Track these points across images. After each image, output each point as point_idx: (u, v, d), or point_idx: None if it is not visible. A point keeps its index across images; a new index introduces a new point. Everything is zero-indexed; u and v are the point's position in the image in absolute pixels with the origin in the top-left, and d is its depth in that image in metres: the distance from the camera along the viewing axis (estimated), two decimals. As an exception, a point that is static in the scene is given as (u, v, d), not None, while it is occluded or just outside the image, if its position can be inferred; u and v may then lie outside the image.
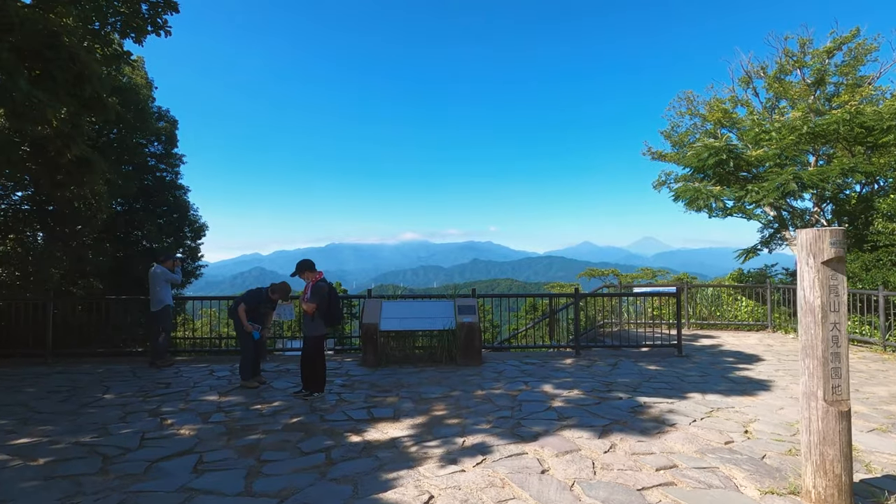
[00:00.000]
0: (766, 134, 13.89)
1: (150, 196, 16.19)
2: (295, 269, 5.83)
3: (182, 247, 16.93)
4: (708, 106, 20.82)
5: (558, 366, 7.89)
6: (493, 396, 5.87)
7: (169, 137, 16.29)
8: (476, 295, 8.76)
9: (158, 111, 16.45)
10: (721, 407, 5.53)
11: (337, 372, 7.35)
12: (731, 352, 9.27)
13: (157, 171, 16.65)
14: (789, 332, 11.35)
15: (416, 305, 8.49)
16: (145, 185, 16.28)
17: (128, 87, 13.30)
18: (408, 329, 8.06)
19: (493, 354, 9.03)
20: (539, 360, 8.36)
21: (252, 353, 6.34)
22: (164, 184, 16.41)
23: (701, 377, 7.10)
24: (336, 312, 5.83)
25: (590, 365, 7.97)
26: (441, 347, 7.97)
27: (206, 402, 5.60)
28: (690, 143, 21.67)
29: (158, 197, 16.27)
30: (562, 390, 6.14)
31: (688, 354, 8.93)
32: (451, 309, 8.28)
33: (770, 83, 18.97)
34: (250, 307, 6.36)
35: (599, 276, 32.28)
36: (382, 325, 8.03)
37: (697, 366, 7.98)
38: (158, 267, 8.05)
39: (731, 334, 11.64)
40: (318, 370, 5.83)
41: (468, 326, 7.95)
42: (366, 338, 7.90)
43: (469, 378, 6.90)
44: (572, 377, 6.97)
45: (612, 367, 7.77)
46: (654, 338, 9.93)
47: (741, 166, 13.91)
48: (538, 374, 7.20)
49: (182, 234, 16.93)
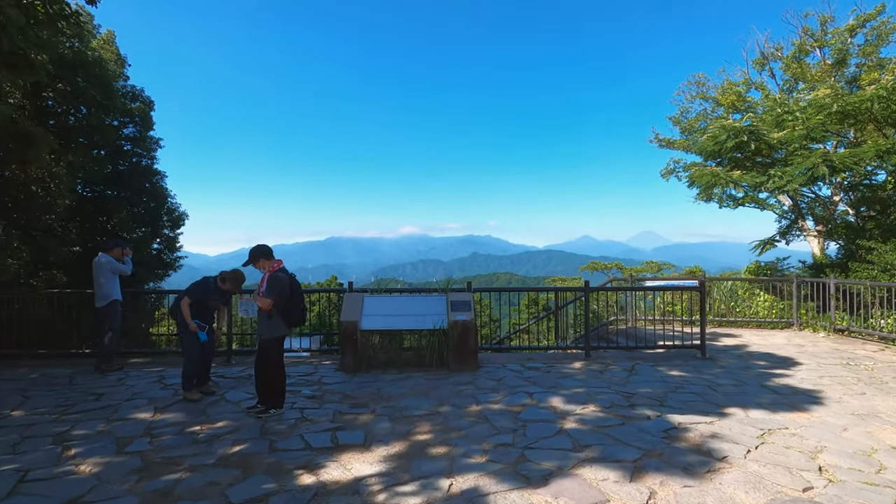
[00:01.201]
0: (789, 115, 12.74)
1: (124, 182, 15.05)
2: (248, 257, 4.73)
3: (159, 236, 15.80)
4: (720, 89, 19.64)
5: (566, 371, 6.81)
6: (491, 414, 4.79)
7: (144, 119, 15.10)
8: (472, 289, 7.66)
9: (132, 90, 15.27)
10: (773, 428, 4.46)
11: (308, 379, 6.26)
12: (760, 353, 8.20)
13: (134, 157, 15.49)
14: (818, 330, 10.28)
15: (402, 301, 7.40)
16: (120, 170, 15.14)
17: (91, 60, 12.11)
18: (393, 328, 6.98)
19: (491, 356, 7.95)
20: (544, 364, 7.29)
21: (195, 358, 5.25)
22: (139, 169, 15.25)
23: (735, 386, 6.03)
24: (297, 310, 4.72)
25: (603, 370, 6.89)
26: (431, 349, 6.89)
27: (134, 422, 4.51)
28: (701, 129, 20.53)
29: (134, 183, 15.12)
30: (574, 405, 5.06)
31: (712, 357, 7.86)
32: (444, 305, 7.20)
33: (788, 64, 17.81)
34: (196, 301, 5.26)
35: (602, 270, 31.22)
36: (363, 323, 6.94)
37: (727, 371, 6.90)
38: (103, 256, 6.94)
39: (754, 332, 10.57)
40: (275, 381, 4.74)
41: (462, 325, 6.87)
42: (344, 338, 6.82)
43: (462, 387, 5.82)
44: (584, 386, 5.89)
45: (629, 373, 6.70)
46: (669, 336, 8.86)
47: (761, 150, 12.78)
48: (544, 381, 6.12)
49: (160, 223, 15.79)
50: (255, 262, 4.71)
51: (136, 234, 14.96)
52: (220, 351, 7.65)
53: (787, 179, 11.51)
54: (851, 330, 9.62)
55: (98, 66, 12.39)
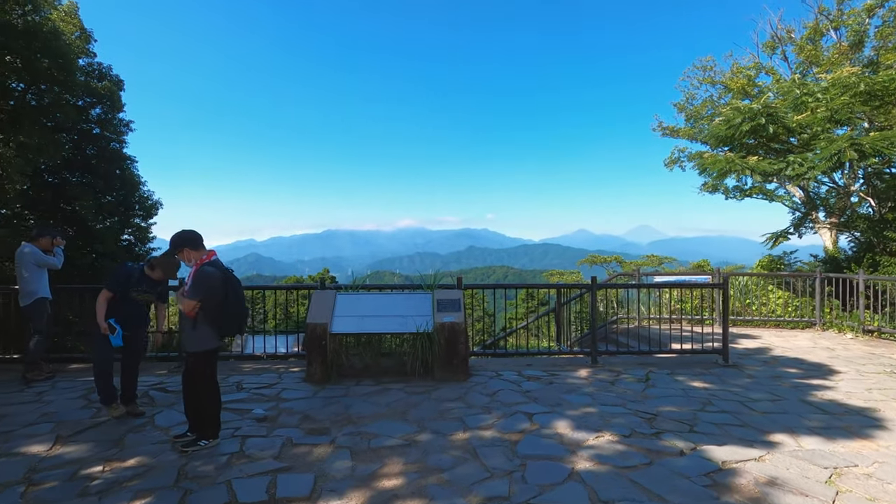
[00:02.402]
0: (808, 96, 11.73)
1: (91, 168, 13.92)
2: (170, 245, 3.69)
3: (129, 226, 14.71)
4: (729, 73, 18.59)
5: (571, 381, 5.84)
6: (482, 445, 3.79)
7: (111, 100, 13.95)
8: (464, 285, 6.65)
9: (99, 68, 14.10)
10: (838, 465, 3.49)
11: (265, 393, 5.26)
12: (787, 359, 7.25)
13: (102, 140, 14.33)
14: (845, 330, 9.34)
15: (382, 300, 6.37)
16: (87, 154, 14.01)
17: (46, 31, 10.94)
18: (369, 332, 5.96)
19: (484, 362, 6.96)
20: (544, 372, 6.31)
21: (109, 367, 4.23)
22: (107, 154, 14.10)
23: (773, 402, 5.06)
24: (233, 316, 3.68)
25: (613, 380, 5.92)
26: (413, 356, 5.88)
27: (19, 460, 3.49)
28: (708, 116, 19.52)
29: (102, 169, 13.99)
30: (585, 432, 4.07)
31: (736, 363, 6.90)
32: (429, 304, 6.19)
33: (802, 46, 16.78)
34: (116, 293, 4.22)
35: (602, 264, 30.28)
36: (334, 325, 5.93)
37: (757, 381, 5.94)
38: (27, 245, 5.90)
39: (773, 333, 9.63)
40: (206, 404, 3.73)
41: (450, 328, 5.87)
42: (311, 343, 5.80)
43: (448, 405, 4.83)
44: (595, 403, 4.91)
45: (644, 384, 5.72)
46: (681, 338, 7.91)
47: (779, 135, 11.79)
48: (546, 397, 5.13)
49: (131, 212, 14.68)
50: (179, 251, 3.67)
51: (103, 224, 13.88)
52: (160, 356, 6.64)
53: (809, 166, 10.52)
54: (883, 331, 8.69)
55: (54, 37, 11.20)
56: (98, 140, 14.16)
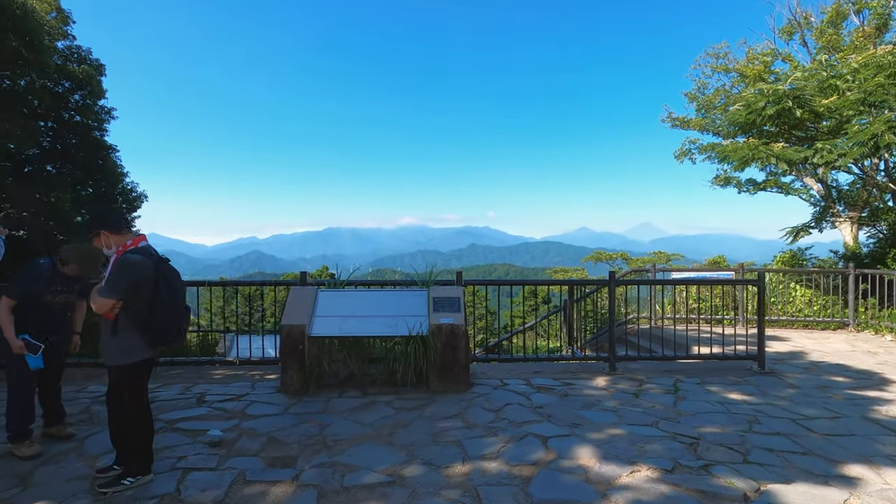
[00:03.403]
0: (836, 79, 10.87)
1: (70, 157, 13.14)
2: (83, 228, 2.88)
3: (111, 220, 13.92)
4: (744, 60, 17.68)
5: (589, 392, 5.02)
6: (486, 484, 2.98)
7: (91, 85, 13.12)
8: (464, 281, 5.83)
9: (78, 52, 13.28)
10: (950, 514, 2.68)
11: (229, 407, 4.45)
12: (829, 365, 6.42)
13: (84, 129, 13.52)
14: (883, 332, 8.51)
15: (370, 298, 5.55)
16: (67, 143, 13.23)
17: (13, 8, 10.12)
18: (354, 335, 5.15)
19: (486, 367, 6.15)
20: (556, 380, 5.50)
21: (26, 393, 3.40)
22: (87, 143, 13.30)
23: (833, 421, 4.24)
24: (166, 319, 2.86)
25: (637, 391, 5.10)
26: (406, 363, 5.07)
27: None
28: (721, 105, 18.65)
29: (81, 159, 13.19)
30: (616, 464, 3.25)
31: (772, 370, 6.08)
32: (424, 303, 5.38)
33: (823, 29, 15.89)
34: (23, 297, 3.40)
35: (607, 261, 29.43)
36: (314, 327, 5.12)
37: (802, 393, 5.12)
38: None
39: (803, 334, 8.80)
40: (133, 432, 2.92)
41: (448, 331, 5.05)
42: (286, 348, 5.00)
43: (445, 424, 4.03)
44: (621, 421, 4.10)
45: (675, 396, 4.91)
46: (704, 340, 7.10)
47: (804, 120, 10.94)
48: (561, 413, 4.32)
49: (112, 204, 13.87)
50: (94, 236, 2.86)
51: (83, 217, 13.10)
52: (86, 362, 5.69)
53: (840, 152, 9.67)
54: (927, 333, 7.87)
55: (24, 15, 10.39)
56: (78, 128, 13.36)
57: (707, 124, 19.79)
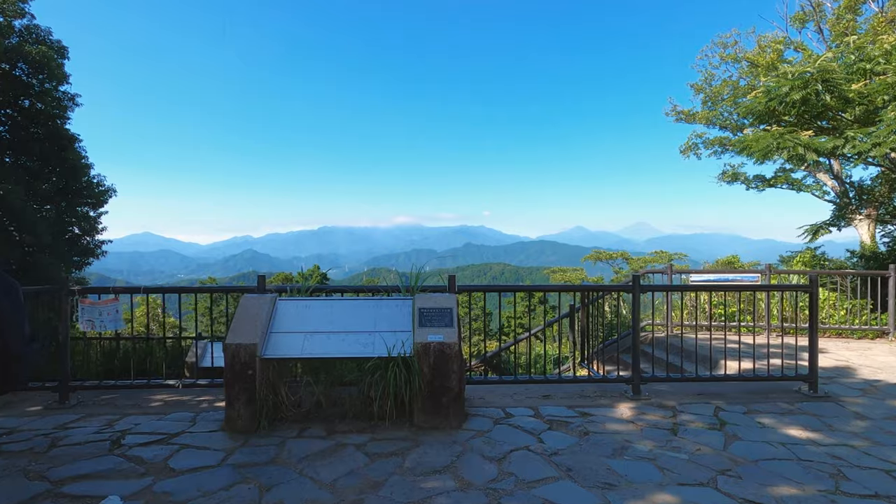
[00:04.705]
0: (866, 62, 9.92)
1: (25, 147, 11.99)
2: None
3: (74, 216, 12.78)
4: (755, 50, 16.74)
5: (613, 427, 4.00)
6: None
7: (48, 67, 11.99)
8: (458, 287, 4.79)
9: (36, 31, 12.14)
10: None
11: (149, 457, 3.39)
12: (890, 386, 5.44)
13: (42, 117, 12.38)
14: (930, 342, 7.57)
15: (342, 309, 4.49)
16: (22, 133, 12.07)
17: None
18: (318, 356, 4.10)
19: (484, 391, 5.12)
20: (571, 409, 4.48)
21: None
22: (45, 132, 12.17)
23: (939, 473, 3.24)
24: None
25: (673, 425, 4.09)
26: (384, 391, 4.02)
27: None
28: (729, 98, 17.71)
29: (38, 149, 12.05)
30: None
31: (827, 393, 5.08)
32: (408, 314, 4.34)
33: (840, 15, 14.98)
34: None
35: (607, 260, 28.50)
36: (269, 347, 4.06)
37: (876, 426, 4.12)
38: None
39: (840, 344, 7.84)
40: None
41: (438, 351, 4.01)
42: (231, 374, 3.94)
43: (431, 485, 2.99)
44: (666, 479, 3.08)
45: (722, 433, 3.89)
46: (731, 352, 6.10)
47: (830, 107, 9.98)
48: (584, 464, 3.30)
49: (75, 199, 12.75)
50: None
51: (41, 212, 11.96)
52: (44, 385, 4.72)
53: (875, 141, 8.71)
54: None
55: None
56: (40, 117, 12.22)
57: (714, 117, 18.86)
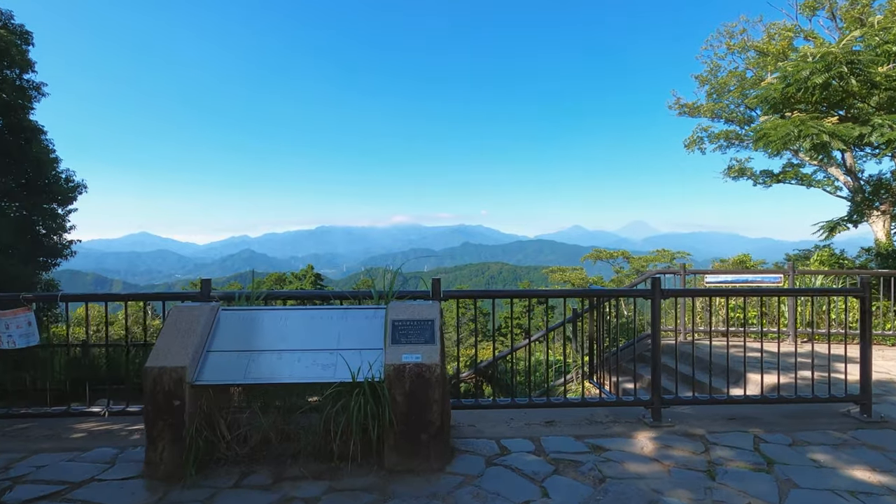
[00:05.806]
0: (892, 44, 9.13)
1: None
2: None
3: (40, 214, 11.92)
4: (766, 37, 15.95)
5: (634, 468, 3.20)
6: None
7: (10, 55, 11.12)
8: (444, 294, 3.96)
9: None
10: None
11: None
12: (950, 405, 4.65)
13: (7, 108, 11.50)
14: (975, 350, 6.78)
15: (299, 321, 3.66)
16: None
17: None
18: (262, 382, 3.27)
19: (474, 417, 4.31)
20: (579, 439, 3.68)
21: None
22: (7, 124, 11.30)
23: None
24: None
25: (708, 465, 3.28)
26: (346, 424, 3.20)
27: None
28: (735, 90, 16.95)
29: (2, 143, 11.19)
30: None
31: (884, 417, 4.29)
32: (380, 328, 3.52)
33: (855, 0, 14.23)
34: None
35: (607, 259, 27.73)
36: (204, 370, 3.24)
37: (958, 465, 3.33)
38: None
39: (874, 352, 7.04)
40: None
41: (415, 374, 3.19)
42: (153, 406, 3.11)
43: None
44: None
45: (772, 476, 3.09)
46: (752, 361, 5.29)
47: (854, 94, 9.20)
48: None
49: (41, 195, 11.87)
50: None
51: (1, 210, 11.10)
52: None
53: (908, 129, 7.95)
54: None
55: None
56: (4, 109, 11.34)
57: (720, 110, 18.10)
